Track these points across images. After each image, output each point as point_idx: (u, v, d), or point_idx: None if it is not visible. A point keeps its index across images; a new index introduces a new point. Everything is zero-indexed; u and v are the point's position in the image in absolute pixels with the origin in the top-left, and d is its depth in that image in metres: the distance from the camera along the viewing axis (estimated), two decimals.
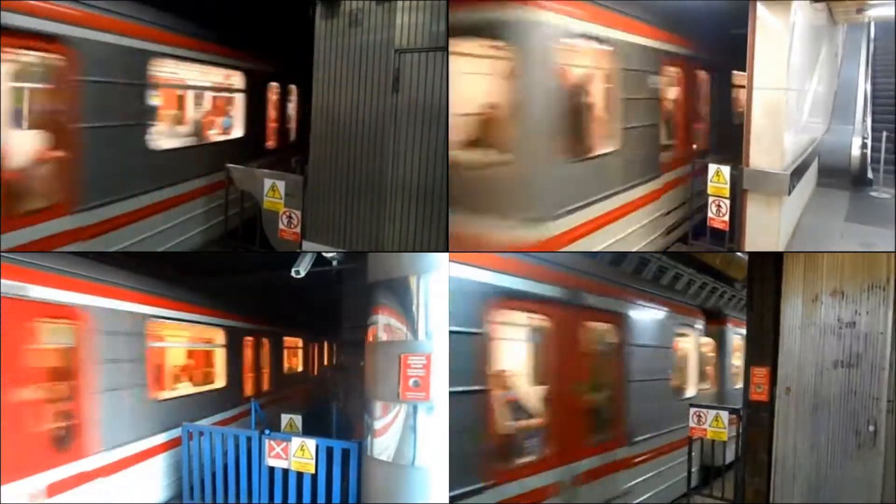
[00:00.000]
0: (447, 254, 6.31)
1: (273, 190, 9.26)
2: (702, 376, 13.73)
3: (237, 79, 12.96)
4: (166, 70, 10.40)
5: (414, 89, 8.04)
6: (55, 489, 6.80)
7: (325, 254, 8.00)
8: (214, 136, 12.45)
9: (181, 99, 11.70)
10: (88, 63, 8.04)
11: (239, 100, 13.12)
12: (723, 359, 14.69)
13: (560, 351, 7.88)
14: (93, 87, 8.16)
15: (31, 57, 7.47)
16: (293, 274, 8.20)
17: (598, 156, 9.10)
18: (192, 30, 10.74)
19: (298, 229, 9.11)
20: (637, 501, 9.83)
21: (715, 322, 14.35)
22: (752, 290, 7.96)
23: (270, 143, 14.77)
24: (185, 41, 10.57)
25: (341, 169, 8.66)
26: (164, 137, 10.42)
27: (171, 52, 10.23)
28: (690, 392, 12.75)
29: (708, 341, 14.22)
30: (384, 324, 6.72)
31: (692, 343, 13.16)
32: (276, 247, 9.48)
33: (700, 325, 13.55)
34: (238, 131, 13.06)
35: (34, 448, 6.62)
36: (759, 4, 8.94)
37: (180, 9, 10.10)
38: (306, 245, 9.00)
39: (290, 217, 9.16)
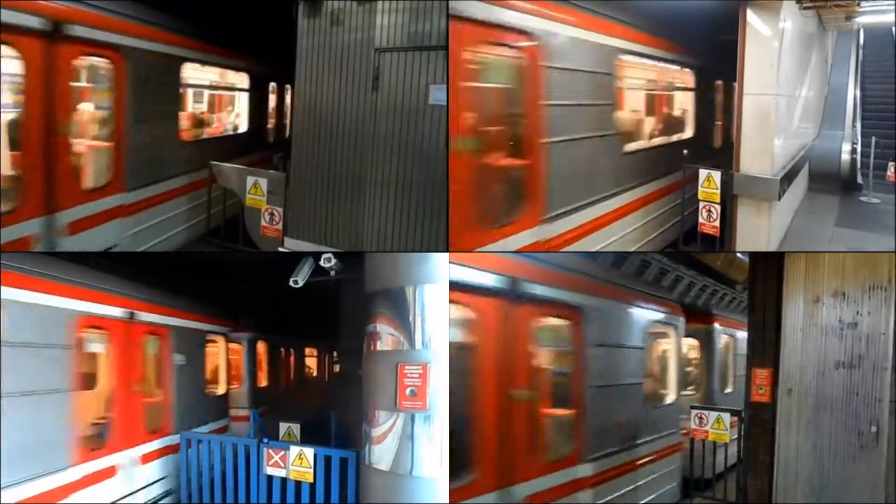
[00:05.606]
0: (447, 254, 6.29)
1: (255, 187, 9.46)
2: None
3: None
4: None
5: (393, 88, 8.14)
6: None
7: (322, 263, 7.97)
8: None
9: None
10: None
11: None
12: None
13: None
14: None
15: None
16: (291, 283, 8.18)
17: None
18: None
19: (280, 226, 9.25)
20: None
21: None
22: (754, 291, 7.96)
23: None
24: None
25: (323, 166, 8.73)
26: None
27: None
28: None
29: None
30: (382, 333, 6.69)
31: None
32: (258, 244, 9.63)
33: None
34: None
35: None
36: (748, 10, 8.99)
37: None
38: (288, 242, 9.09)
39: (272, 214, 9.34)
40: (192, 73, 11.73)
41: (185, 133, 11.45)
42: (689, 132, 12.81)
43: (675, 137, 12.34)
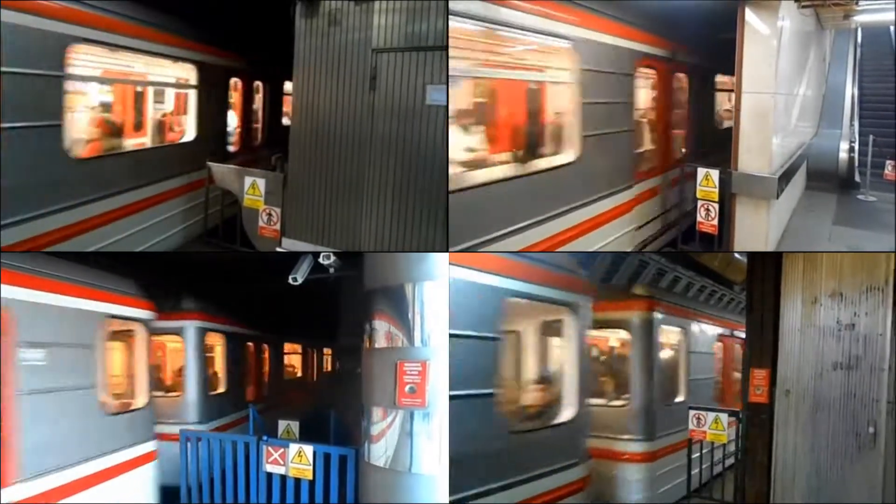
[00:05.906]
0: (447, 254, 6.30)
1: (253, 187, 9.42)
2: None
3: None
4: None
5: (391, 88, 8.14)
6: None
7: (321, 261, 7.98)
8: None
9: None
10: None
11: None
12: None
13: None
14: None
15: None
16: (290, 281, 8.18)
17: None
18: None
19: (278, 226, 9.25)
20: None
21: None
22: (752, 292, 8.00)
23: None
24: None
25: (321, 166, 8.72)
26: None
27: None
28: None
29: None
30: (381, 330, 6.70)
31: None
32: (255, 244, 9.59)
33: None
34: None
35: None
36: (747, 9, 9.01)
37: None
38: (286, 242, 9.09)
39: (269, 214, 9.32)
40: (92, 59, 8.91)
41: (88, 146, 8.97)
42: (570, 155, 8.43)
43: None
